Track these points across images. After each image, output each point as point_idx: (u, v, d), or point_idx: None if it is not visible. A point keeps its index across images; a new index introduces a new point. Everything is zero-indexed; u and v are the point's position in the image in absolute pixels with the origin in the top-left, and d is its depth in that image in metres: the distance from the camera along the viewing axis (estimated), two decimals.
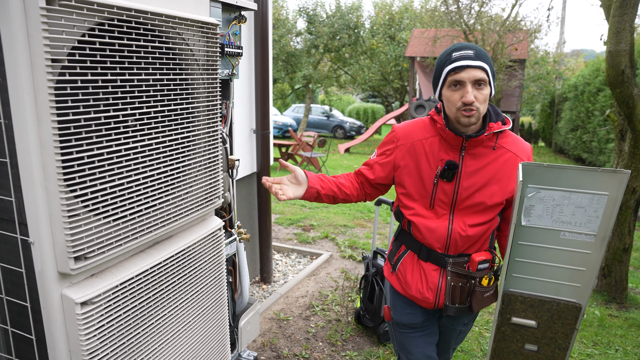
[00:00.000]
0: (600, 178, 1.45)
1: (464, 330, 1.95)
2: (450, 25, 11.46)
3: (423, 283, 1.75)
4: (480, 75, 1.55)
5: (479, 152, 1.67)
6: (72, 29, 1.09)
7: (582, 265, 1.57)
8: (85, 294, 1.22)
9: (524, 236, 1.63)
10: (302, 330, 3.47)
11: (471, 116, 1.58)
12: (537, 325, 1.66)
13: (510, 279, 1.69)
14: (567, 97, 12.77)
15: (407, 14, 16.83)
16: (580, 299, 1.60)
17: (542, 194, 1.54)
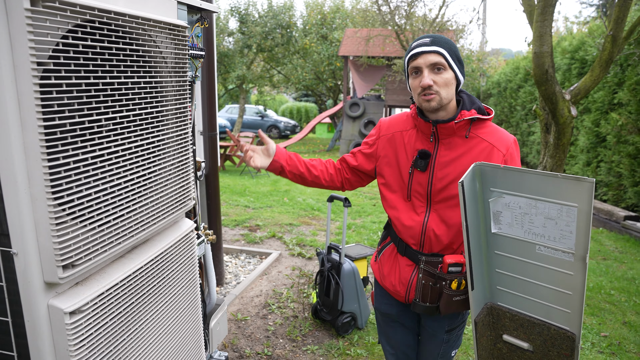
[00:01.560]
0: (564, 185, 1.33)
1: (447, 340, 1.85)
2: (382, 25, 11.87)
3: (396, 277, 1.79)
4: (435, 59, 1.57)
5: (454, 142, 1.65)
6: (56, 31, 1.06)
7: (567, 288, 1.44)
8: (73, 303, 1.19)
9: (499, 246, 1.55)
10: (261, 329, 3.49)
11: (431, 100, 1.60)
12: (533, 350, 1.56)
13: (496, 292, 1.63)
14: (491, 93, 13.67)
15: (339, 13, 17.16)
16: (572, 327, 1.46)
17: (507, 200, 1.46)
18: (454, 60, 1.62)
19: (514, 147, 1.66)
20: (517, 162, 1.67)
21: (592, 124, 7.65)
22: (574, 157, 8.35)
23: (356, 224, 6.51)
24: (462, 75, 1.66)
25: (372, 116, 13.72)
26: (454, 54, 1.62)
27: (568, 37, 9.24)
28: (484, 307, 1.62)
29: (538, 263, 1.47)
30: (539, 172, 1.38)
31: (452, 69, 1.61)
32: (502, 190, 1.47)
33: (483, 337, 1.65)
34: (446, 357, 1.88)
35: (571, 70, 8.41)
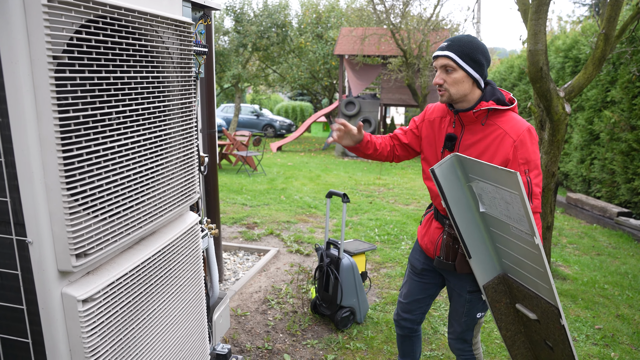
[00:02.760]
0: (505, 176, 1.52)
1: (469, 300, 2.04)
2: (377, 24, 11.93)
3: (429, 237, 2.11)
4: (444, 62, 1.83)
5: (475, 129, 1.89)
6: (71, 26, 1.10)
7: (538, 264, 1.62)
8: (85, 291, 1.22)
9: (491, 224, 1.78)
10: (261, 324, 3.52)
11: (442, 95, 1.88)
12: (539, 320, 1.74)
13: (505, 265, 1.85)
14: None
15: (334, 12, 17.20)
16: (552, 300, 1.65)
17: (481, 185, 1.69)
18: (467, 62, 1.83)
19: (527, 134, 1.81)
20: (528, 149, 1.81)
21: (585, 121, 7.73)
22: (568, 155, 8.44)
23: (353, 221, 6.56)
24: (477, 73, 1.85)
25: (367, 115, 13.77)
26: (467, 56, 1.83)
27: (562, 36, 9.33)
28: (496, 276, 1.85)
29: (516, 241, 1.67)
30: (487, 164, 1.57)
31: (463, 69, 1.82)
32: (476, 177, 1.69)
33: (500, 304, 1.88)
34: (470, 316, 2.09)
35: (565, 69, 8.50)
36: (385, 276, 4.52)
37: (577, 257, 5.24)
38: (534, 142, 1.83)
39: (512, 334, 1.94)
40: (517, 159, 1.79)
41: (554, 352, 1.78)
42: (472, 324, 2.11)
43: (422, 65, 11.10)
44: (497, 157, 1.82)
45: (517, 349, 1.98)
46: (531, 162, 1.80)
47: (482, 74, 1.87)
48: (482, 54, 1.85)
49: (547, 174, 4.09)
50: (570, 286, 4.37)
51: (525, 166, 1.79)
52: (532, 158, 1.81)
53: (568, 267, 4.89)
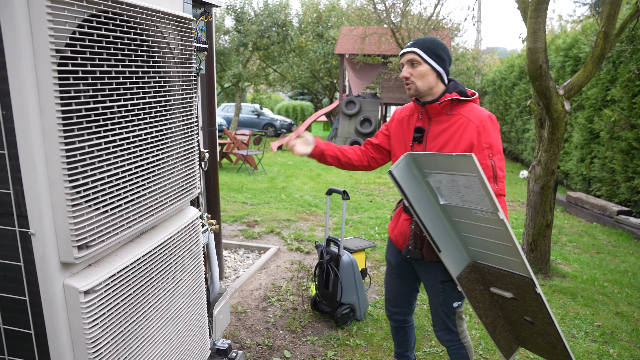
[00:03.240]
0: (460, 161, 1.61)
1: (443, 290, 2.11)
2: (378, 24, 11.93)
3: (398, 229, 2.19)
4: (410, 57, 1.99)
5: (441, 119, 2.02)
6: (74, 20, 1.11)
7: (505, 240, 1.71)
8: (87, 282, 1.23)
9: (453, 214, 1.86)
10: (261, 321, 3.54)
11: (409, 88, 2.02)
12: (515, 297, 1.81)
13: (472, 252, 1.93)
14: (486, 91, 13.76)
15: (334, 12, 17.20)
16: (526, 273, 1.75)
17: (437, 177, 1.78)
18: (430, 56, 1.98)
19: (489, 120, 1.96)
20: (490, 134, 1.94)
21: (585, 120, 7.74)
22: (568, 154, 8.45)
23: (353, 219, 6.57)
24: (441, 68, 2.01)
25: (368, 114, 13.78)
26: (431, 52, 1.99)
27: (562, 35, 9.33)
28: (467, 266, 1.92)
29: (480, 224, 1.75)
30: (443, 154, 1.69)
31: (427, 62, 1.98)
32: (431, 171, 1.78)
33: (475, 292, 1.94)
34: (447, 306, 2.14)
35: (565, 68, 8.51)
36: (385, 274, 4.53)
37: (576, 255, 5.25)
38: (495, 129, 1.97)
39: (491, 320, 2.01)
40: (481, 143, 1.93)
41: (534, 324, 1.85)
42: (451, 313, 2.16)
43: None
44: (462, 142, 1.94)
45: (499, 334, 2.05)
46: (494, 147, 1.93)
47: (444, 68, 2.02)
48: (443, 51, 2.02)
49: (547, 171, 4.10)
50: (570, 284, 4.38)
51: (489, 150, 1.92)
52: (495, 143, 1.94)
53: (568, 265, 4.90)
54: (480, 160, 1.92)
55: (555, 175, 4.08)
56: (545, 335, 1.86)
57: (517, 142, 11.37)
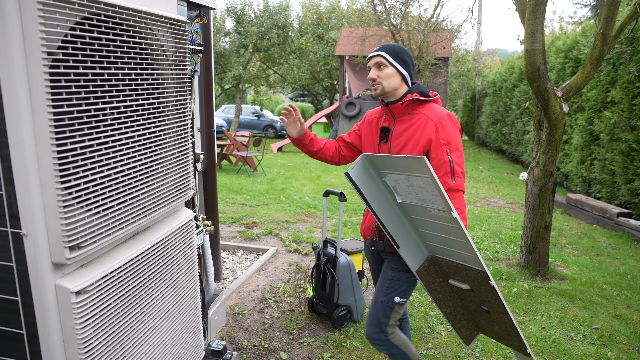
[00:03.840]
0: (414, 163, 1.68)
1: (391, 277, 2.18)
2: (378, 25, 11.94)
3: (366, 224, 2.33)
4: (377, 60, 2.11)
5: (404, 119, 2.14)
6: (65, 22, 1.12)
7: (459, 237, 1.79)
8: (79, 283, 1.24)
9: (411, 211, 1.95)
10: (258, 322, 3.54)
11: (375, 89, 2.14)
12: (472, 289, 1.90)
13: (431, 247, 2.03)
14: (486, 92, 13.77)
15: (335, 13, 17.23)
16: (479, 266, 1.82)
17: (394, 177, 1.86)
18: (396, 60, 2.12)
19: (447, 118, 2.07)
20: (449, 131, 2.04)
21: (585, 122, 7.74)
22: (568, 155, 8.44)
23: (352, 221, 6.57)
24: (405, 71, 2.13)
25: None
26: (397, 56, 2.12)
27: (562, 37, 9.34)
28: (426, 260, 2.01)
29: (436, 221, 1.82)
30: (398, 156, 1.76)
31: (393, 65, 2.10)
32: (387, 171, 1.85)
33: (435, 284, 2.03)
34: (389, 297, 2.17)
35: (565, 69, 8.51)
36: None
37: (576, 258, 5.24)
38: (454, 126, 2.07)
39: (451, 310, 2.09)
40: (439, 140, 2.02)
41: (490, 314, 1.93)
42: (389, 308, 2.17)
43: (423, 66, 11.10)
44: (422, 139, 2.04)
45: (459, 322, 2.12)
46: (452, 143, 2.02)
47: (408, 72, 2.14)
48: (407, 56, 2.16)
49: (545, 173, 4.10)
50: (569, 286, 4.37)
51: (447, 146, 2.01)
52: (453, 140, 2.03)
53: (567, 267, 4.90)
54: (438, 156, 2.02)
55: (553, 177, 4.08)
56: (500, 323, 1.95)
57: (518, 144, 11.36)
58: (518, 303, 3.91)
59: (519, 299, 4.01)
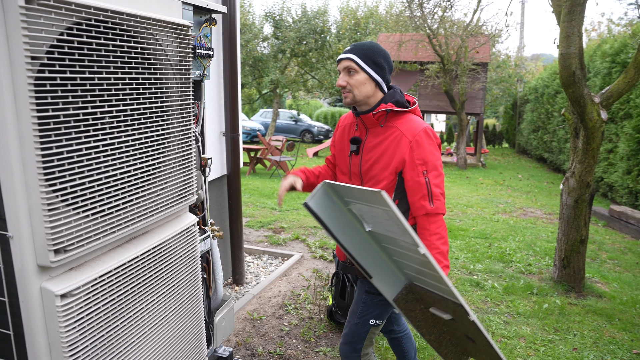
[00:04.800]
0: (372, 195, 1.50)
1: (364, 301, 2.02)
2: (414, 30, 11.77)
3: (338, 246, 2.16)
4: (347, 64, 1.86)
5: (377, 131, 1.91)
6: (51, 27, 1.12)
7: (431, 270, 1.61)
8: (64, 286, 1.24)
9: (382, 240, 1.78)
10: (275, 329, 3.51)
11: (346, 97, 1.91)
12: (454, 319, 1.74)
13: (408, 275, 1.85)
14: (528, 99, 13.30)
15: (372, 18, 17.13)
16: (456, 299, 1.66)
17: (357, 206, 1.68)
18: (368, 64, 1.85)
19: (423, 135, 1.84)
20: (425, 149, 1.83)
21: (633, 130, 7.31)
22: (612, 165, 8.00)
23: None
24: (379, 77, 1.87)
25: None
26: (369, 59, 1.85)
27: (609, 40, 8.88)
28: (404, 287, 1.83)
29: (408, 252, 1.65)
30: (355, 187, 1.54)
31: (365, 71, 1.85)
32: (350, 200, 1.66)
33: (415, 311, 1.86)
34: (363, 320, 2.01)
35: (612, 74, 8.08)
36: None
37: (617, 274, 4.93)
38: (431, 143, 1.85)
39: (436, 337, 1.93)
40: (414, 160, 1.83)
41: (476, 344, 1.79)
42: (364, 330, 2.04)
43: (460, 72, 10.83)
44: (395, 158, 1.85)
45: (446, 348, 1.97)
46: (429, 163, 1.82)
47: (383, 77, 1.89)
48: (383, 58, 1.88)
49: (581, 184, 3.88)
50: (607, 304, 4.10)
51: (423, 166, 1.82)
52: (430, 159, 1.82)
53: (606, 284, 4.60)
54: (413, 178, 1.84)
55: (590, 187, 3.85)
56: (487, 354, 1.82)
57: (559, 152, 10.89)
58: (548, 320, 3.70)
59: (550, 315, 3.79)
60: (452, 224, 6.66)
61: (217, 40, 3.93)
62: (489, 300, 4.05)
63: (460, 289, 4.28)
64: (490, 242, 5.78)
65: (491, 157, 15.49)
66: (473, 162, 13.20)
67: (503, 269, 4.84)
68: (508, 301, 4.04)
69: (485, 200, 8.44)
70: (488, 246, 5.59)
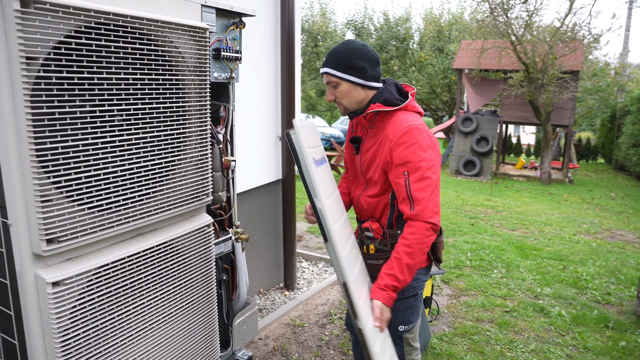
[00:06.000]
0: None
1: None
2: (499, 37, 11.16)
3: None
4: (327, 79, 1.83)
5: (372, 132, 1.89)
6: (48, 30, 1.19)
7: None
8: (57, 275, 1.31)
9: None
10: (315, 337, 3.46)
11: (340, 109, 1.91)
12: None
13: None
14: (629, 110, 12.03)
15: (456, 25, 16.56)
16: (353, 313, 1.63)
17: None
18: (345, 72, 1.79)
19: (406, 134, 1.73)
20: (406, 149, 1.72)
21: None
22: None
23: (447, 242, 6.16)
24: (361, 79, 1.80)
25: (485, 132, 12.91)
26: (344, 66, 1.78)
27: None
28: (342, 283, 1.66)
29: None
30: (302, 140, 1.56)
31: (345, 80, 1.80)
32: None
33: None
34: (392, 329, 1.91)
35: None
36: (464, 304, 4.15)
37: None
38: (415, 142, 1.71)
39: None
40: (394, 161, 1.74)
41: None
42: (397, 338, 1.93)
43: (547, 80, 10.04)
44: (381, 160, 1.81)
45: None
46: (410, 163, 1.70)
47: (365, 76, 1.80)
48: (359, 57, 1.79)
49: None
50: None
51: (403, 167, 1.72)
52: (412, 159, 1.70)
53: None
54: (394, 180, 1.73)
55: None
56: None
57: None
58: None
59: (627, 355, 3.34)
60: (525, 242, 6.17)
61: (274, 45, 4.00)
62: (553, 329, 3.67)
63: (521, 313, 3.93)
64: (565, 264, 5.27)
65: (582, 172, 14.21)
66: (559, 177, 12.18)
67: (575, 295, 4.37)
68: (575, 332, 3.63)
69: (566, 219, 7.73)
70: (562, 269, 5.10)
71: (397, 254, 1.70)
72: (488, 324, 3.75)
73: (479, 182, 11.94)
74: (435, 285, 4.58)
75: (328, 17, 17.45)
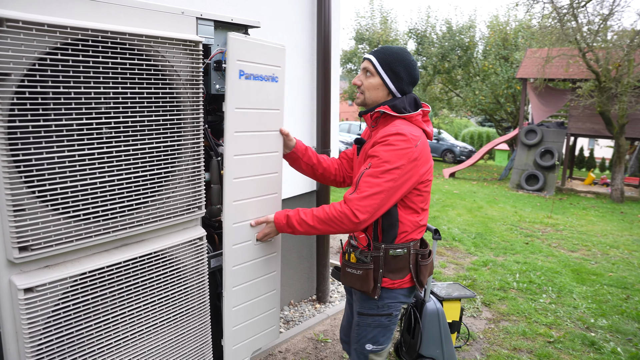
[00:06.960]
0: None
1: (358, 323, 1.98)
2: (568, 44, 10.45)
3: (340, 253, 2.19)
4: (365, 65, 1.91)
5: (374, 134, 1.92)
6: (20, 47, 1.24)
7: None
8: (30, 281, 1.35)
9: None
10: (336, 355, 3.37)
11: (358, 97, 1.95)
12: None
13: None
14: None
15: (522, 32, 15.77)
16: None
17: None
18: (385, 70, 1.87)
19: (391, 137, 1.75)
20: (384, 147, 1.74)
21: None
22: None
23: (495, 261, 5.82)
24: (394, 86, 1.87)
25: (550, 145, 12.13)
26: (387, 64, 1.86)
27: None
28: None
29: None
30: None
31: (380, 76, 1.87)
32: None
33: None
34: (359, 344, 1.96)
35: None
36: (503, 331, 3.87)
37: None
38: (394, 145, 1.73)
39: None
40: (369, 152, 1.81)
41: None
42: (363, 355, 1.96)
43: (621, 90, 9.22)
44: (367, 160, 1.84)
45: None
46: (377, 158, 1.74)
47: (399, 86, 1.87)
48: (403, 68, 1.86)
49: None
50: None
51: (371, 159, 1.77)
52: (381, 156, 1.73)
53: None
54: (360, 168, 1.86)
55: None
56: None
57: None
58: None
59: None
60: (584, 265, 5.68)
61: (310, 55, 4.00)
62: None
63: (566, 345, 3.60)
64: (630, 293, 4.77)
65: None
66: (634, 195, 11.15)
67: (637, 331, 3.93)
68: None
69: (638, 242, 7.04)
70: (624, 298, 4.63)
71: (315, 211, 1.80)
72: (526, 354, 3.47)
73: (541, 197, 11.22)
74: (474, 308, 4.32)
75: (389, 26, 17.30)
